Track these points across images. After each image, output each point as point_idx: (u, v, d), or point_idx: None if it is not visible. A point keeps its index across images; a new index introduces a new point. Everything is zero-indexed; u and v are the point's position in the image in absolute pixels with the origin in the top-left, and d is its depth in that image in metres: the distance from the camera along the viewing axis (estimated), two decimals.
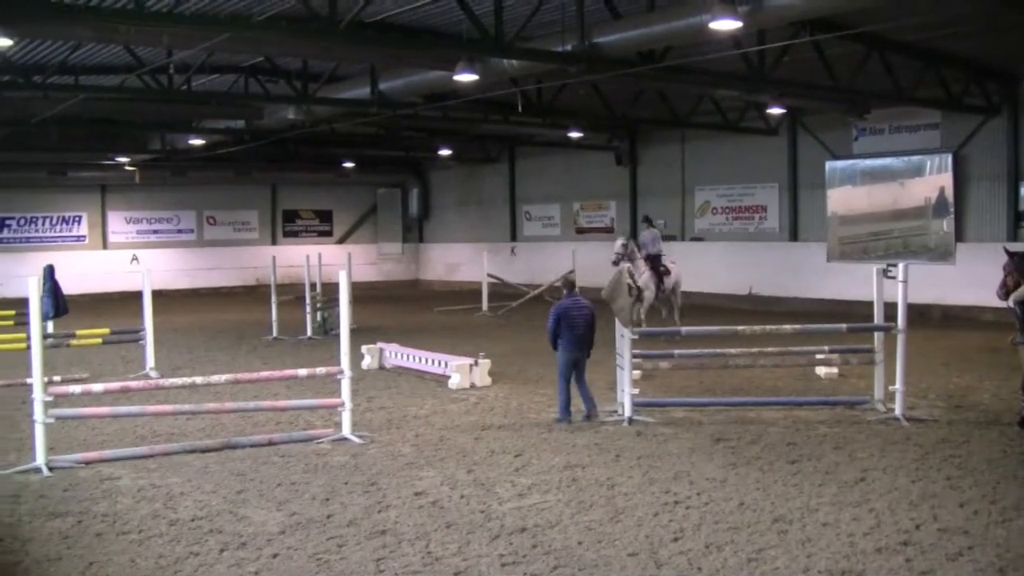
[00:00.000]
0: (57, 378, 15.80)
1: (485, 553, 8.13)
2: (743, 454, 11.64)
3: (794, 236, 31.27)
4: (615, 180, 36.69)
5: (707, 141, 32.69)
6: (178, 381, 13.73)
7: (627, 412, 13.42)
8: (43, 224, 41.27)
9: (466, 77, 18.54)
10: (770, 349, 14.67)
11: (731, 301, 31.02)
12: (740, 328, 14.96)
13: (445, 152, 38.37)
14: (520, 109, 25.36)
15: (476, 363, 16.80)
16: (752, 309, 29.46)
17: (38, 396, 11.21)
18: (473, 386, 16.45)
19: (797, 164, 30.95)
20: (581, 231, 38.72)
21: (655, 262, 23.27)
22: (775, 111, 27.52)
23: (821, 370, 16.74)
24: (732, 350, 14.52)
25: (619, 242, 22.58)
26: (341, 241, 45.77)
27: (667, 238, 34.07)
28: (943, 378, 16.80)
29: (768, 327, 14.78)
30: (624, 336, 13.49)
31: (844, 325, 14.79)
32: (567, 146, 35.10)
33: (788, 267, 30.61)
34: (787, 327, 14.81)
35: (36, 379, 11.28)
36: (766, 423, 13.33)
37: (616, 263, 20.53)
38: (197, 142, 32.51)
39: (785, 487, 10.13)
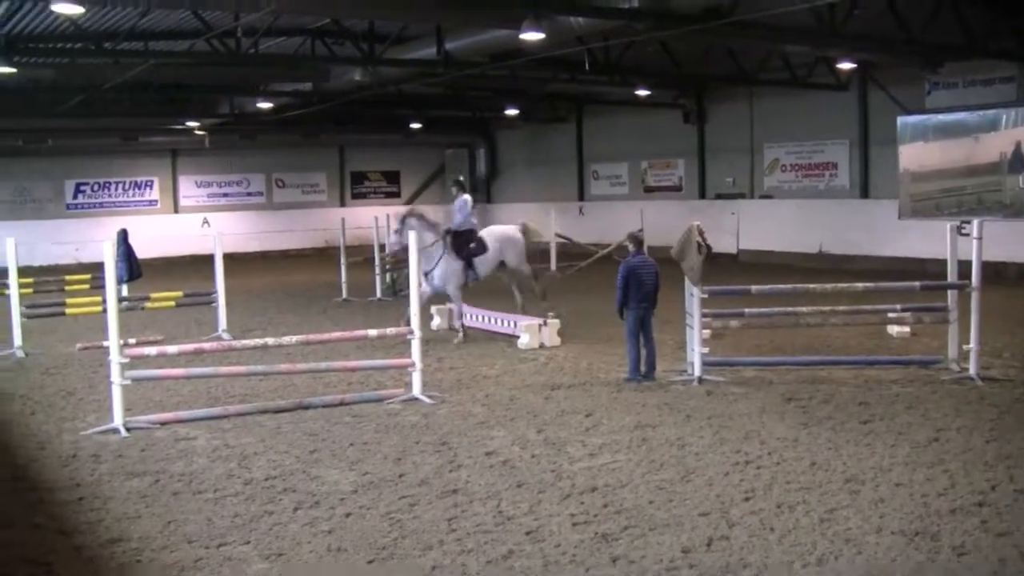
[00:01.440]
0: (132, 341, 16.04)
1: (556, 512, 8.17)
2: (814, 414, 11.57)
3: (865, 193, 30.84)
4: (683, 138, 36.39)
5: (776, 97, 32.27)
6: (250, 343, 13.91)
7: (697, 371, 13.37)
8: (116, 189, 41.85)
9: (532, 36, 18.46)
10: (841, 308, 14.47)
11: (801, 259, 30.69)
12: (811, 286, 14.80)
13: (512, 112, 38.24)
14: (587, 67, 25.21)
15: (545, 323, 16.83)
16: (822, 267, 29.13)
17: (115, 358, 11.40)
18: (542, 346, 16.49)
19: (868, 120, 30.47)
20: (649, 190, 38.52)
21: (459, 239, 18.30)
22: (845, 66, 27.11)
23: (893, 329, 16.55)
24: (803, 308, 14.37)
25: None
26: (409, 202, 45.87)
27: (736, 196, 33.97)
28: (1019, 337, 16.54)
29: (839, 285, 14.59)
30: (694, 295, 13.42)
31: (917, 283, 14.60)
32: (635, 104, 34.82)
33: (859, 225, 30.17)
34: (858, 285, 14.61)
35: (112, 342, 11.47)
36: (837, 382, 13.22)
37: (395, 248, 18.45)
38: (265, 105, 32.71)
39: (857, 447, 10.06)
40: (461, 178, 20.94)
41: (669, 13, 17.78)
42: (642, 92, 31.17)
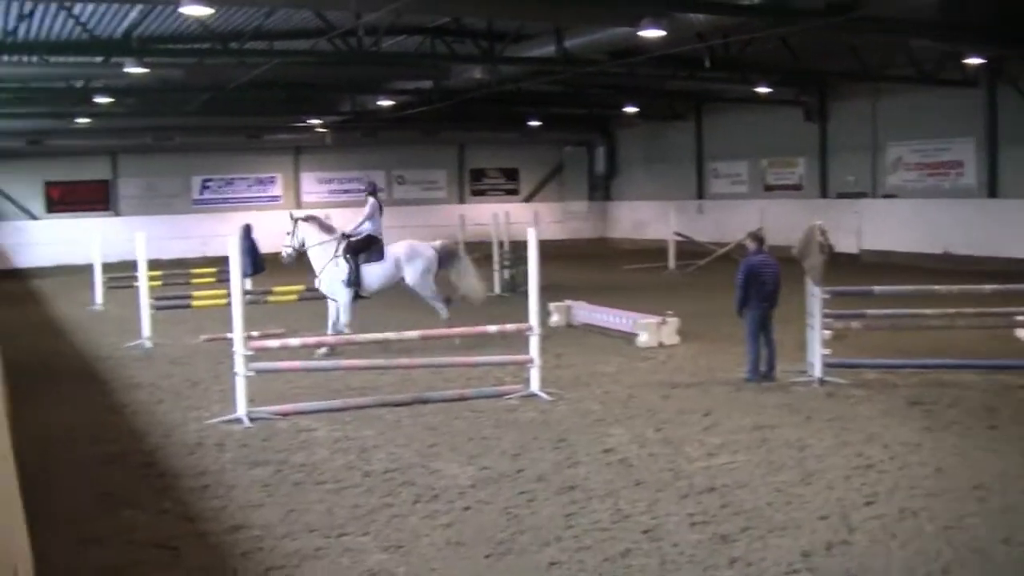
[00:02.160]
0: (256, 333, 16.33)
1: (674, 512, 8.12)
2: (939, 418, 11.30)
3: (992, 193, 29.99)
4: (804, 136, 35.84)
5: (900, 94, 31.58)
6: (371, 337, 14.08)
7: (817, 373, 13.17)
8: (241, 185, 42.73)
9: (652, 33, 18.38)
10: (968, 310, 14.11)
11: (924, 260, 29.99)
12: (935, 287, 14.45)
13: (631, 109, 38.09)
14: (707, 64, 25.00)
15: (664, 321, 16.73)
16: (947, 268, 28.42)
17: (239, 350, 11.63)
18: (661, 344, 16.39)
19: (997, 117, 29.61)
20: (769, 188, 38.05)
21: (354, 244, 17.25)
22: (973, 61, 26.39)
23: (1020, 332, 16.08)
24: (927, 311, 14.06)
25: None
26: (528, 199, 46.03)
27: (858, 195, 33.33)
28: None
29: (965, 287, 14.25)
30: (815, 295, 13.22)
31: None
32: (755, 102, 34.41)
33: (986, 225, 29.36)
34: (986, 287, 14.26)
35: (237, 334, 11.70)
36: (963, 386, 12.91)
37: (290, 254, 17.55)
38: (386, 103, 33.08)
39: (984, 453, 9.80)
40: (372, 180, 19.76)
41: (790, 8, 17.54)
42: (762, 89, 30.79)
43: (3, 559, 3.05)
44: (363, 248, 17.20)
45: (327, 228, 17.52)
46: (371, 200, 17.96)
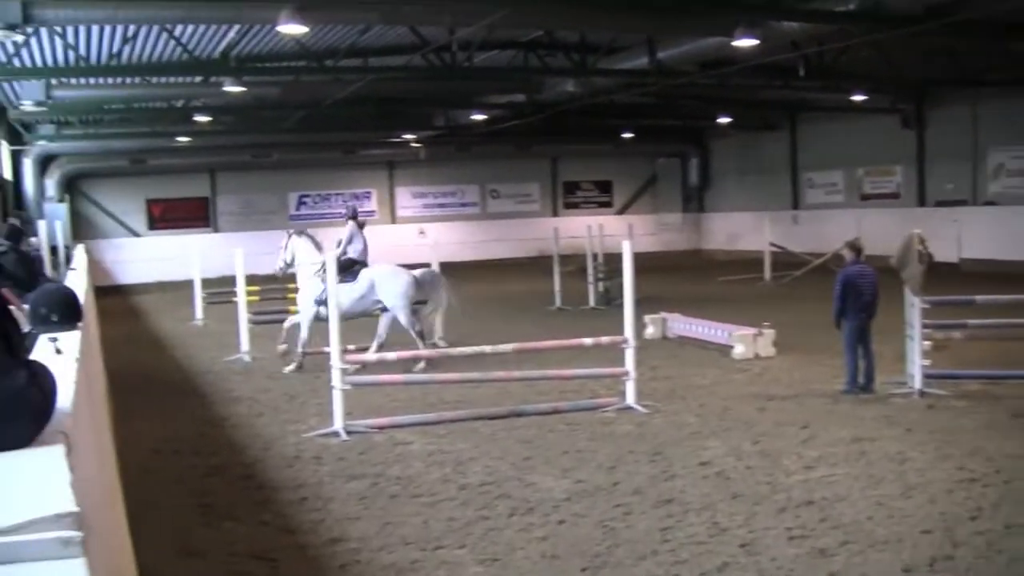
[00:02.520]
0: (352, 347, 16.46)
1: (772, 525, 8.01)
2: None
3: None
4: (901, 144, 35.21)
5: (1002, 99, 30.87)
6: (466, 350, 14.11)
7: (917, 384, 12.92)
8: (336, 201, 43.14)
9: (746, 42, 18.24)
10: None
11: None
12: None
13: (724, 120, 37.81)
14: (801, 73, 24.73)
15: (760, 333, 16.56)
16: None
17: (336, 364, 11.75)
18: (757, 356, 16.23)
19: None
20: (866, 197, 37.43)
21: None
22: None
23: None
24: None
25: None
26: (621, 211, 45.91)
27: (958, 202, 32.67)
28: None
29: None
30: (914, 305, 12.98)
31: None
32: (850, 110, 33.95)
33: None
34: None
35: (334, 348, 11.84)
36: None
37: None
38: (479, 117, 33.25)
39: None
40: (352, 205, 19.49)
41: (887, 14, 17.27)
42: (858, 97, 30.36)
43: (107, 569, 3.11)
44: (339, 269, 16.03)
45: (317, 246, 17.68)
46: (349, 224, 17.96)
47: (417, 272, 17.55)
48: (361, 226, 17.98)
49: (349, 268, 16.95)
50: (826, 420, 11.77)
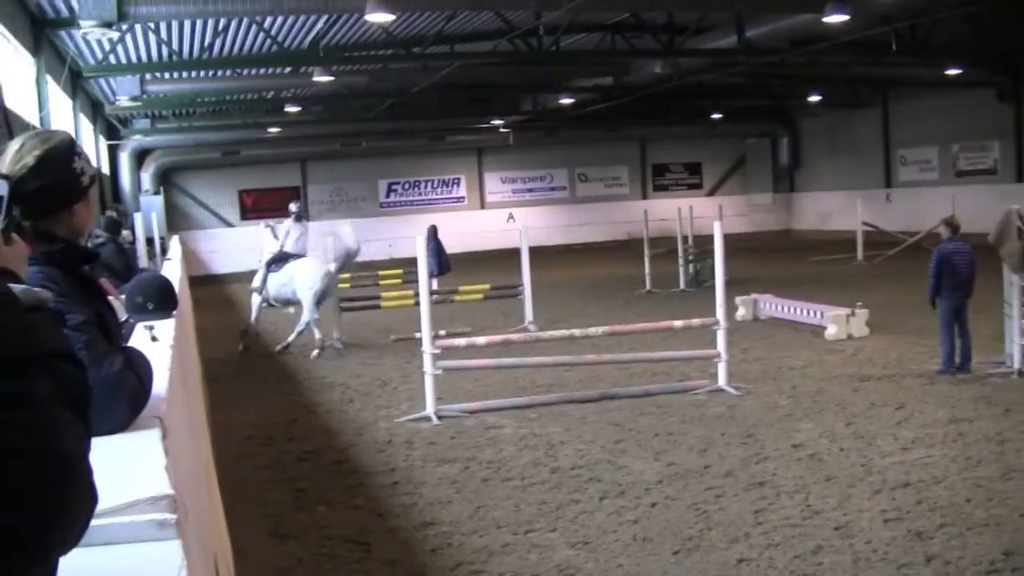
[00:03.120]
0: (443, 332, 16.57)
1: (866, 508, 7.90)
2: None
3: None
4: (998, 118, 34.34)
5: None
6: (556, 334, 14.13)
7: (1017, 364, 12.63)
8: (425, 187, 43.46)
9: (836, 18, 17.96)
10: None
11: None
12: None
13: (814, 98, 37.28)
14: (893, 48, 24.29)
15: (853, 313, 16.33)
16: None
17: (427, 349, 11.83)
18: (850, 337, 16.00)
19: None
20: (961, 174, 36.63)
21: (272, 259, 18.59)
22: None
23: None
24: None
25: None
26: (711, 193, 45.55)
27: None
28: None
29: None
30: (1013, 283, 12.70)
31: None
32: (943, 84, 33.21)
33: None
34: None
35: (425, 333, 11.92)
36: None
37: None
38: (567, 101, 33.20)
39: None
40: (295, 204, 20.11)
41: None
42: (952, 71, 29.71)
43: (203, 550, 3.17)
44: (275, 260, 18.55)
45: (275, 239, 19.00)
46: (287, 221, 19.28)
47: (333, 267, 18.19)
48: (299, 219, 19.42)
49: (283, 260, 18.49)
50: (922, 401, 11.57)
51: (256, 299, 18.86)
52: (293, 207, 19.72)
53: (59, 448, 1.36)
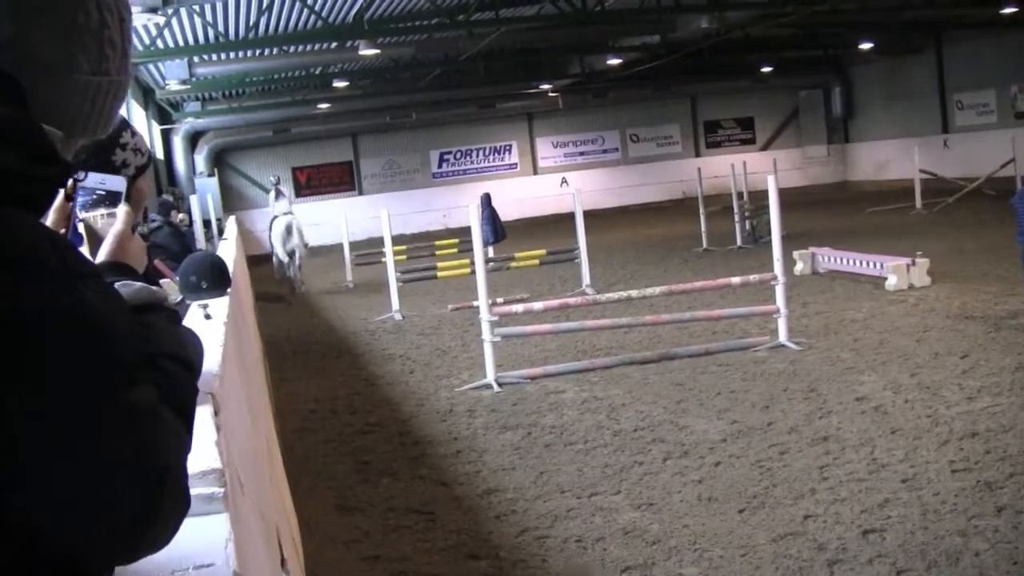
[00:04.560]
0: (500, 299, 16.56)
1: (933, 459, 7.79)
2: None
3: None
4: None
5: None
6: (614, 296, 14.06)
7: None
8: (477, 155, 43.43)
9: None
10: None
11: None
12: None
13: (866, 46, 36.70)
14: None
15: (914, 263, 16.10)
16: None
17: (484, 316, 11.83)
18: (911, 287, 15.78)
19: None
20: (1021, 116, 35.93)
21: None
22: None
23: None
24: None
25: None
26: (764, 148, 45.11)
27: None
28: None
29: None
30: None
31: None
32: (998, 24, 32.45)
33: None
34: None
35: (482, 301, 11.91)
36: None
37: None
38: (615, 62, 32.94)
39: None
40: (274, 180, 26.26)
41: None
42: (1008, 10, 29.04)
43: (265, 522, 3.18)
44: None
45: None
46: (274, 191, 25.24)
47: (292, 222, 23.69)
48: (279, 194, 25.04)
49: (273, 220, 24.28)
50: (987, 349, 11.38)
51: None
52: (272, 179, 26.37)
53: (156, 460, 1.36)
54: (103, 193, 2.10)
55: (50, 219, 1.86)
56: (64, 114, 1.50)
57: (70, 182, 1.68)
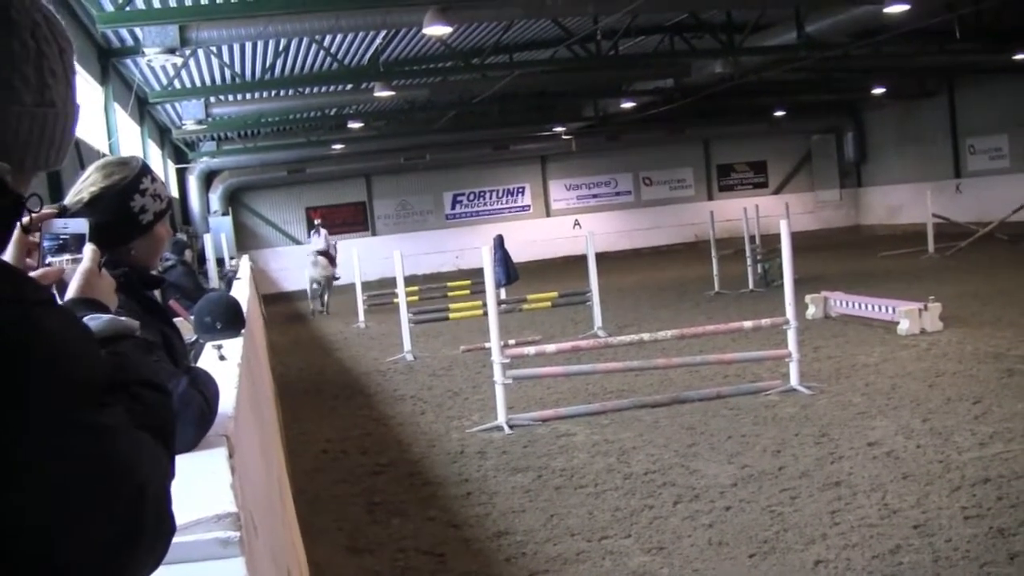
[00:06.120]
0: (512, 341, 16.57)
1: (945, 505, 7.77)
2: None
3: None
4: None
5: None
6: (626, 339, 14.05)
7: None
8: (490, 197, 43.59)
9: (897, 8, 17.80)
10: None
11: None
12: None
13: (879, 91, 36.84)
14: (958, 35, 23.95)
15: (926, 307, 16.08)
16: None
17: (496, 358, 11.84)
18: (924, 331, 15.76)
19: None
20: None
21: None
22: None
23: None
24: None
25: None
26: (777, 191, 45.22)
27: None
28: None
29: None
30: None
31: None
32: (1011, 70, 32.57)
33: None
34: None
35: (494, 343, 11.93)
36: None
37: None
38: (628, 105, 33.14)
39: None
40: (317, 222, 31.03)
41: None
42: (1019, 56, 29.16)
43: (276, 565, 3.20)
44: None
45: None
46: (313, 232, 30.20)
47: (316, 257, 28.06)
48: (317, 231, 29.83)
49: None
50: (999, 394, 11.36)
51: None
52: (317, 220, 31.02)
53: (131, 480, 1.37)
54: (67, 238, 2.13)
55: (9, 253, 1.87)
56: (11, 146, 1.51)
57: (28, 217, 1.69)
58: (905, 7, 17.80)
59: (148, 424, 1.46)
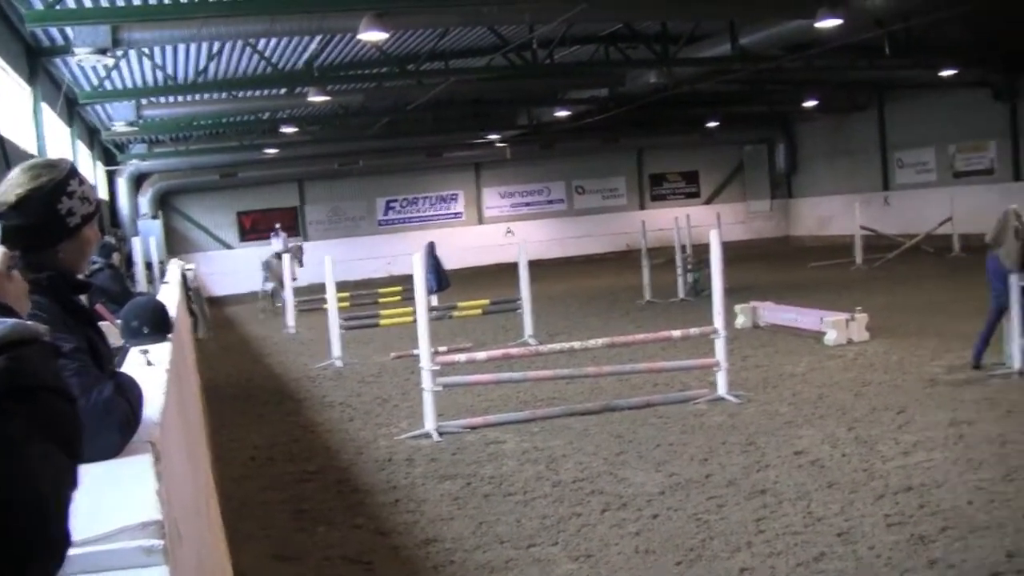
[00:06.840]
0: (442, 348, 16.57)
1: (869, 513, 7.89)
2: None
3: None
4: (994, 117, 34.22)
5: None
6: (556, 347, 14.11)
7: (1017, 364, 12.60)
8: (423, 204, 43.51)
9: (829, 23, 18.02)
10: None
11: None
12: None
13: (810, 104, 37.30)
14: (887, 51, 24.34)
15: (853, 318, 16.32)
16: None
17: (426, 365, 11.83)
18: (851, 341, 15.99)
19: None
20: (959, 175, 36.56)
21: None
22: None
23: None
24: None
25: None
26: (709, 201, 45.57)
27: None
28: None
29: None
30: (1014, 283, 12.69)
31: None
32: (939, 86, 33.15)
33: None
34: None
35: (423, 350, 11.92)
36: None
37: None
38: (563, 114, 33.27)
39: None
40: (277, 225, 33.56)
41: None
42: (946, 72, 29.69)
43: (203, 570, 3.17)
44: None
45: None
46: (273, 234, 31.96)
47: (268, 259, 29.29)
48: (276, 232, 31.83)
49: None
50: (923, 404, 11.56)
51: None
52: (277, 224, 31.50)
53: (24, 492, 1.33)
54: None
55: None
56: None
57: None
58: (837, 22, 18.04)
59: (51, 433, 1.41)
